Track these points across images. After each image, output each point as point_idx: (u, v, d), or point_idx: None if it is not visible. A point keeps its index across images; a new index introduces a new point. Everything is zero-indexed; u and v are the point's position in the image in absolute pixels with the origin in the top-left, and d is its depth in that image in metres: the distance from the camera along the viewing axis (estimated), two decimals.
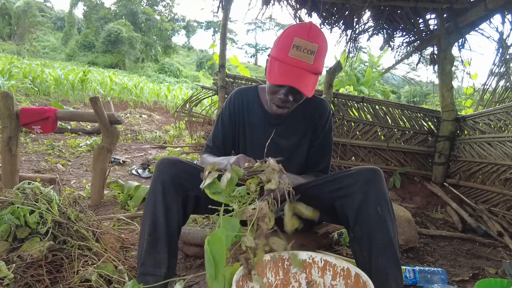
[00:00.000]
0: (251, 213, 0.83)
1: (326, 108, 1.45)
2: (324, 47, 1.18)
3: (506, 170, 2.68)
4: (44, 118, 2.45)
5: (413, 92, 17.94)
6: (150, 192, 1.14)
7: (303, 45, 1.14)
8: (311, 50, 1.14)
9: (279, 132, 1.41)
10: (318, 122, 1.43)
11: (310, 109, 1.42)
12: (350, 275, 0.96)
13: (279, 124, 1.41)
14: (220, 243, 0.81)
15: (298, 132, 1.43)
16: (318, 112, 1.43)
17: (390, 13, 3.39)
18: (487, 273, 1.79)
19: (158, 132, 6.85)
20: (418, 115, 3.55)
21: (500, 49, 3.14)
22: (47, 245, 1.20)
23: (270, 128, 1.40)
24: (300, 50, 1.14)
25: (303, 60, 1.14)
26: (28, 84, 9.04)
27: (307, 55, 1.14)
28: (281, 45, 1.18)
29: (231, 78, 3.51)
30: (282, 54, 1.16)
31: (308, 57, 1.14)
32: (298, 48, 1.14)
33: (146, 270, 1.09)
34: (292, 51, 1.14)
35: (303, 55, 1.14)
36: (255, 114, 1.43)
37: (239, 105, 1.45)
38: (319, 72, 1.19)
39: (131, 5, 29.77)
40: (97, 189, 2.50)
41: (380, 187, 1.09)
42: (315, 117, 1.43)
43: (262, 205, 0.83)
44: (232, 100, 1.47)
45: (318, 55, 1.15)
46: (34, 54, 23.37)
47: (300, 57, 1.14)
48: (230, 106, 1.47)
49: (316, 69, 1.17)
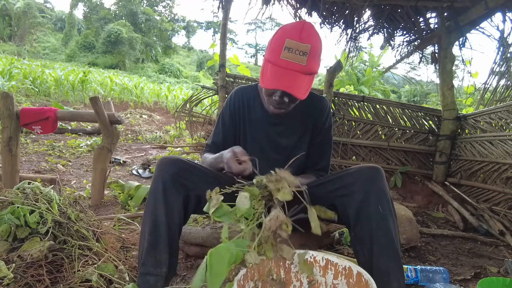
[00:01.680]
0: (269, 225, 0.78)
1: (326, 106, 1.44)
2: (318, 46, 1.16)
3: (508, 169, 2.67)
4: (44, 119, 2.44)
5: (414, 91, 17.91)
6: (151, 191, 1.14)
7: (295, 47, 1.12)
8: (303, 51, 1.12)
9: (280, 131, 1.40)
10: (318, 120, 1.43)
11: (310, 108, 1.42)
12: (352, 274, 0.96)
13: (279, 123, 1.40)
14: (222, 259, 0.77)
15: (298, 131, 1.42)
16: (318, 110, 1.43)
17: (391, 12, 3.38)
18: (489, 272, 1.78)
19: (159, 132, 6.86)
20: (419, 114, 3.54)
21: (501, 47, 3.13)
22: (47, 245, 1.19)
23: (271, 127, 1.40)
24: (292, 52, 1.12)
25: (295, 61, 1.12)
26: (29, 84, 9.05)
27: (300, 56, 1.12)
28: (273, 46, 1.16)
29: (231, 78, 3.51)
30: (274, 56, 1.14)
31: (300, 59, 1.12)
32: (290, 50, 1.12)
33: (147, 270, 1.09)
34: (283, 53, 1.12)
35: (295, 57, 1.12)
36: (255, 113, 1.42)
37: (240, 103, 1.44)
38: (314, 72, 1.18)
39: (131, 5, 29.79)
40: (97, 189, 2.49)
41: (380, 186, 1.08)
42: (315, 115, 1.42)
43: (277, 213, 0.79)
44: (233, 99, 1.46)
45: (311, 56, 1.13)
46: (34, 55, 23.40)
47: (292, 59, 1.12)
48: (231, 105, 1.46)
49: (309, 69, 1.15)
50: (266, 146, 1.41)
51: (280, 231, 0.79)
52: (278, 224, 0.78)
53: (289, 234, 0.80)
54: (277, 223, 0.78)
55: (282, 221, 0.78)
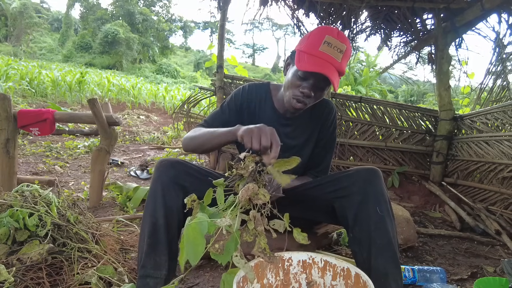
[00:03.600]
0: (242, 195, 0.85)
1: (332, 108, 1.47)
2: (349, 50, 1.21)
3: (504, 169, 2.69)
4: (42, 120, 2.44)
5: (411, 91, 17.99)
6: (150, 194, 1.14)
7: (334, 43, 1.16)
8: (340, 49, 1.17)
9: (288, 131, 1.41)
10: (325, 122, 1.45)
11: (318, 110, 1.43)
12: (350, 275, 0.97)
13: (288, 124, 1.41)
14: (196, 232, 0.83)
15: (305, 132, 1.44)
16: (326, 113, 1.44)
17: (387, 13, 3.40)
18: (485, 272, 1.80)
19: (156, 133, 6.85)
20: (416, 115, 3.56)
21: (496, 48, 3.16)
22: (47, 248, 1.19)
23: (279, 127, 1.40)
24: (331, 47, 1.16)
25: (333, 56, 1.16)
26: (25, 85, 9.00)
27: (337, 52, 1.16)
28: (311, 40, 1.20)
29: (229, 79, 3.51)
30: (312, 48, 1.18)
31: (337, 55, 1.16)
32: (329, 45, 1.16)
33: (147, 272, 1.09)
34: (323, 46, 1.16)
35: (333, 52, 1.16)
36: (266, 111, 1.42)
37: (251, 99, 1.42)
38: (342, 73, 1.21)
39: (128, 5, 29.69)
40: (95, 190, 2.49)
41: (378, 187, 1.09)
42: (322, 117, 1.44)
43: (249, 186, 0.86)
44: (245, 93, 1.43)
45: (345, 56, 1.18)
46: (31, 56, 23.27)
47: (330, 53, 1.16)
48: (240, 98, 1.42)
49: (341, 68, 1.18)
50: None
51: (257, 200, 0.86)
52: (249, 193, 0.85)
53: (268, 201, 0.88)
54: (249, 192, 0.85)
55: (253, 190, 0.85)
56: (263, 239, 0.89)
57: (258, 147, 0.96)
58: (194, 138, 1.28)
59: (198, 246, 0.81)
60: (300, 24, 3.59)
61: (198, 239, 0.82)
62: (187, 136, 1.32)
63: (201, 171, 1.23)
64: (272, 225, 0.92)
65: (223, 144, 1.21)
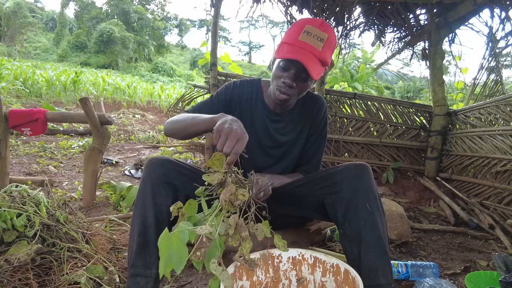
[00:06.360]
0: (223, 197, 0.88)
1: (323, 104, 1.46)
2: (333, 40, 1.20)
3: (497, 163, 2.70)
4: (34, 120, 2.41)
5: (407, 87, 18.04)
6: (139, 192, 1.13)
7: (314, 32, 1.16)
8: (321, 37, 1.16)
9: (279, 128, 1.41)
10: (315, 118, 1.45)
11: (308, 106, 1.43)
12: (339, 272, 0.97)
13: (279, 120, 1.41)
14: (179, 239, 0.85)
15: (296, 128, 1.44)
16: (316, 108, 1.44)
17: (381, 9, 3.39)
18: (478, 266, 1.81)
19: (152, 132, 6.82)
20: (410, 110, 3.57)
21: (489, 43, 3.17)
22: (35, 248, 1.18)
23: (270, 123, 1.40)
24: (310, 36, 1.16)
25: (312, 44, 1.16)
26: (19, 85, 8.94)
27: (317, 41, 1.16)
28: (292, 31, 1.21)
29: (223, 77, 3.50)
30: (292, 38, 1.18)
31: (317, 43, 1.16)
32: (309, 34, 1.16)
33: (137, 272, 1.08)
34: (302, 35, 1.16)
35: (313, 40, 1.16)
36: (257, 108, 1.41)
37: (242, 95, 1.41)
38: (326, 63, 1.20)
39: (123, 4, 29.50)
40: (89, 190, 2.47)
41: (368, 183, 1.09)
42: (313, 113, 1.44)
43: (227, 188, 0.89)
44: (237, 88, 1.42)
45: (326, 45, 1.17)
46: (25, 55, 23.10)
47: (309, 41, 1.16)
48: (230, 93, 1.41)
49: (323, 57, 1.17)
50: (264, 140, 1.42)
51: (236, 201, 0.88)
52: (228, 196, 0.87)
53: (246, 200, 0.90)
54: (227, 195, 0.87)
55: (231, 191, 0.88)
56: (248, 244, 0.89)
57: (220, 149, 0.94)
58: (176, 122, 1.24)
59: (182, 254, 0.82)
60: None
61: (181, 247, 0.83)
62: (169, 119, 1.29)
63: (191, 169, 1.22)
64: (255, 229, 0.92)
65: (203, 131, 1.16)
